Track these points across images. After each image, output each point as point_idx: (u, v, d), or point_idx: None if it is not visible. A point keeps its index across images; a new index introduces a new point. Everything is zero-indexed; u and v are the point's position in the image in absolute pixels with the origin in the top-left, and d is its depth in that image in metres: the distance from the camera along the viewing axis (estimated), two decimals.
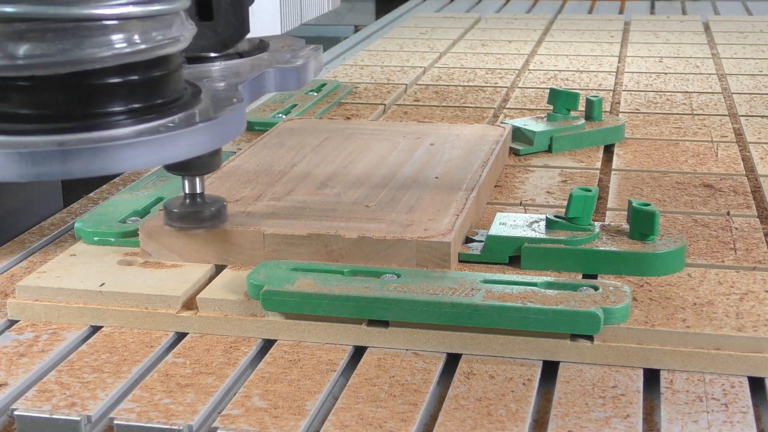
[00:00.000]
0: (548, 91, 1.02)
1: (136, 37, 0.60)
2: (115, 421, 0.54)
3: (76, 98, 0.59)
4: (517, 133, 0.98)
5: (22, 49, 0.57)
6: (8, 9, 0.57)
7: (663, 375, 0.58)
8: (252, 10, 0.75)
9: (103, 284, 0.67)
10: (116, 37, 0.59)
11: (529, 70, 1.40)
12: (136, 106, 0.61)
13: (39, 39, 0.57)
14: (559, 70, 1.39)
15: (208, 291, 0.66)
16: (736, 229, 0.77)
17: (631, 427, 0.53)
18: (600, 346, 0.60)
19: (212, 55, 0.75)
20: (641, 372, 0.59)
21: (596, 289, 0.62)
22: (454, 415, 0.54)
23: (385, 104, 1.19)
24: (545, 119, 0.99)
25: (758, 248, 0.73)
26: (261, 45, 0.80)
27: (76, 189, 0.92)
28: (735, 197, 0.84)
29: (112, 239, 0.74)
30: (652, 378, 0.59)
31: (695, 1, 2.23)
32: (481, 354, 0.61)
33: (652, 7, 2.15)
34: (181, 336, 0.64)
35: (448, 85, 1.30)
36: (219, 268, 0.70)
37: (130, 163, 0.59)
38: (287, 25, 0.79)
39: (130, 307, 0.65)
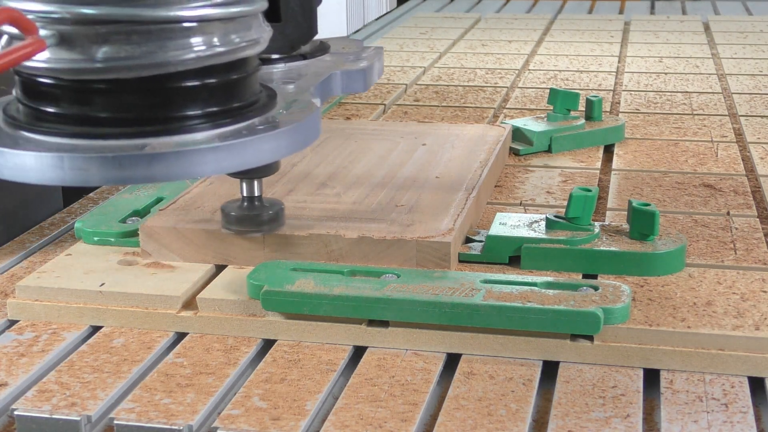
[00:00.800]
0: (548, 91, 1.02)
1: (218, 39, 0.59)
2: (115, 421, 0.54)
3: (158, 101, 0.59)
4: (517, 133, 0.98)
5: (107, 52, 0.57)
6: (94, 11, 0.57)
7: (663, 375, 0.59)
8: (318, 11, 0.75)
9: (103, 284, 0.67)
10: (199, 40, 0.59)
11: (529, 70, 1.40)
12: (217, 109, 0.61)
13: (124, 41, 0.57)
14: (559, 70, 1.39)
15: (208, 291, 0.66)
16: (736, 229, 0.77)
17: (631, 427, 0.53)
18: (600, 346, 0.60)
19: (274, 56, 0.74)
20: (641, 372, 0.59)
21: (596, 289, 0.62)
22: (454, 415, 0.54)
23: (385, 104, 1.19)
24: (545, 119, 0.99)
25: (758, 248, 0.73)
26: (322, 47, 0.79)
27: (76, 189, 0.92)
28: (735, 197, 0.84)
29: (112, 239, 0.74)
30: (652, 378, 0.59)
31: (695, 1, 2.23)
32: (481, 354, 0.61)
33: (652, 7, 2.15)
34: (181, 336, 0.64)
35: (448, 85, 1.30)
36: (219, 268, 0.70)
37: (212, 168, 0.58)
38: (352, 26, 0.79)
39: (130, 307, 0.65)
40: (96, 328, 0.65)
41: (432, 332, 0.61)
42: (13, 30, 0.58)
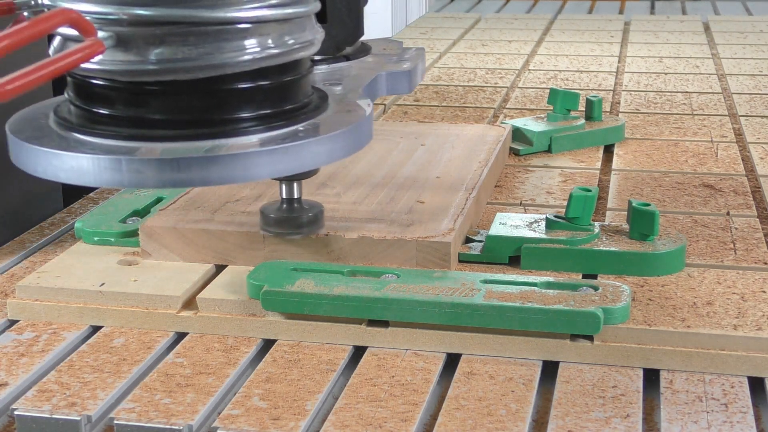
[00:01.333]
0: (548, 91, 1.02)
1: (275, 40, 0.59)
2: (115, 421, 0.54)
3: (213, 104, 0.59)
4: (517, 133, 0.98)
5: (163, 53, 0.56)
6: (151, 12, 0.56)
7: (663, 375, 0.59)
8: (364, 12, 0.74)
9: (103, 284, 0.67)
10: (255, 41, 0.58)
11: (529, 70, 1.40)
12: (272, 111, 0.61)
13: (180, 43, 0.57)
14: (559, 70, 1.39)
15: (208, 291, 0.66)
16: (736, 229, 0.77)
17: (631, 427, 0.53)
18: (600, 346, 0.60)
19: (317, 57, 0.73)
20: (641, 372, 0.59)
21: (596, 289, 0.62)
22: (454, 415, 0.54)
23: (385, 104, 1.19)
24: (545, 119, 0.99)
25: (758, 248, 0.73)
26: (364, 47, 0.79)
27: (76, 189, 0.92)
28: (735, 197, 0.84)
29: (112, 239, 0.74)
30: (652, 378, 0.59)
31: (695, 1, 2.23)
32: (481, 354, 0.61)
33: (652, 7, 2.15)
34: (181, 336, 0.64)
35: (448, 85, 1.30)
36: (219, 268, 0.70)
37: (269, 170, 0.58)
38: (396, 27, 0.78)
39: (130, 307, 0.65)
40: (96, 328, 0.65)
41: (432, 332, 0.61)
42: (68, 31, 0.58)
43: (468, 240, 0.73)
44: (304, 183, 0.79)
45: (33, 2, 0.63)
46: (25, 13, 0.64)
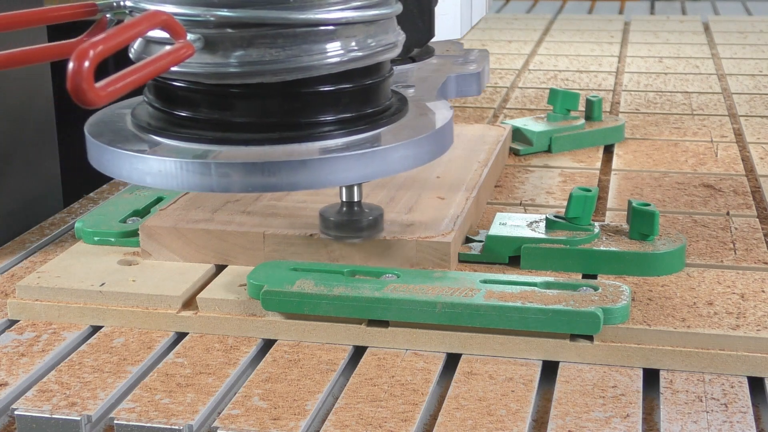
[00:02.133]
0: (548, 91, 1.02)
1: (361, 42, 0.59)
2: (116, 421, 0.54)
3: (298, 107, 0.58)
4: (517, 133, 0.98)
5: (252, 55, 0.56)
6: (241, 14, 0.56)
7: (663, 375, 0.59)
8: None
9: (103, 284, 0.67)
10: (342, 43, 0.58)
11: (529, 70, 1.40)
12: (355, 114, 0.60)
13: (269, 45, 0.56)
14: (559, 70, 1.39)
15: (208, 291, 0.66)
16: (736, 229, 0.77)
17: (631, 427, 0.53)
18: (600, 346, 0.60)
19: None
20: (641, 372, 0.59)
21: (596, 289, 0.62)
22: (454, 415, 0.54)
23: None
24: (545, 119, 0.99)
25: (758, 248, 0.73)
26: (428, 49, 0.78)
27: (76, 189, 0.92)
28: (735, 197, 0.84)
29: (112, 239, 0.74)
30: (651, 378, 0.59)
31: (695, 1, 2.23)
32: (481, 354, 0.61)
33: (652, 7, 2.15)
34: (181, 336, 0.64)
35: None
36: (219, 268, 0.70)
37: (356, 175, 0.58)
38: (464, 28, 0.78)
39: (130, 307, 0.65)
40: (96, 328, 0.65)
41: (432, 332, 0.61)
42: (155, 34, 0.57)
43: (468, 240, 0.73)
44: None
45: (115, 4, 0.63)
46: (108, 15, 0.64)
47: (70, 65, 0.47)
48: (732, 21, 1.82)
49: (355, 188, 0.68)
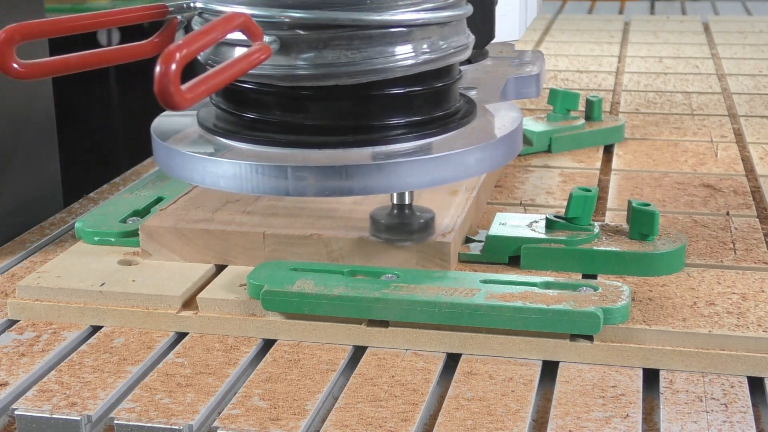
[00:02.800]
0: (548, 91, 1.02)
1: (435, 44, 0.58)
2: (116, 421, 0.54)
3: (372, 110, 0.58)
4: None
5: (327, 57, 0.55)
6: (318, 15, 0.55)
7: (663, 375, 0.59)
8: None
9: (103, 284, 0.67)
10: (417, 45, 0.57)
11: None
12: (428, 117, 0.60)
13: (345, 46, 0.56)
14: (559, 70, 1.39)
15: (208, 291, 0.66)
16: (736, 229, 0.77)
17: (631, 427, 0.53)
18: (600, 346, 0.60)
19: None
20: (641, 372, 0.59)
21: (596, 289, 0.62)
22: (454, 415, 0.54)
23: None
24: (545, 119, 0.99)
25: (758, 248, 0.73)
26: (482, 50, 0.78)
27: (77, 189, 0.92)
28: (735, 197, 0.84)
29: (112, 239, 0.74)
30: (651, 378, 0.59)
31: (695, 1, 2.23)
32: (481, 354, 0.61)
33: (652, 7, 2.15)
34: (181, 336, 0.64)
35: None
36: (219, 268, 0.70)
37: (433, 179, 0.57)
38: (521, 29, 0.77)
39: (130, 307, 0.65)
40: (96, 328, 0.65)
41: (432, 332, 0.61)
42: (231, 36, 0.56)
43: (468, 240, 0.73)
44: None
45: (185, 5, 0.63)
46: (179, 17, 0.63)
47: (157, 68, 0.47)
48: (732, 21, 1.82)
49: (406, 191, 0.67)
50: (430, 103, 0.60)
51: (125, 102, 2.31)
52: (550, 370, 0.60)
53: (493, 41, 0.75)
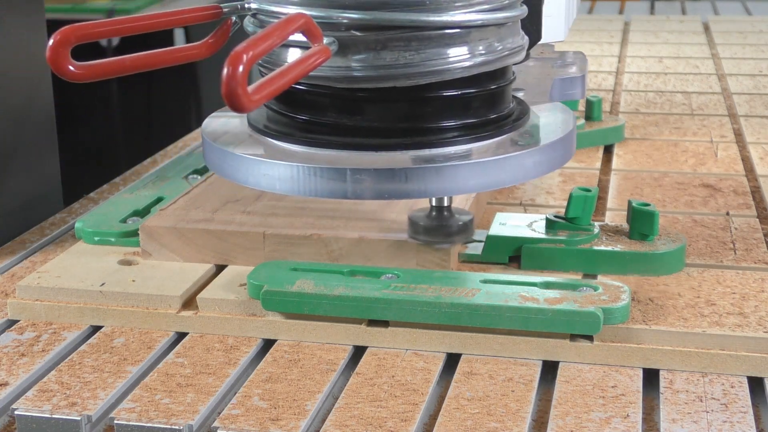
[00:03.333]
0: None
1: (491, 45, 0.58)
2: (116, 421, 0.54)
3: (428, 112, 0.58)
4: None
5: (386, 58, 0.55)
6: (377, 16, 0.55)
7: (663, 375, 0.59)
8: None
9: (103, 284, 0.67)
10: (474, 46, 0.57)
11: None
12: (483, 119, 0.59)
13: (403, 48, 0.55)
14: None
15: (208, 291, 0.66)
16: (736, 229, 0.77)
17: (631, 427, 0.53)
18: (600, 346, 0.60)
19: None
20: (641, 372, 0.59)
21: (596, 289, 0.62)
22: (454, 415, 0.54)
23: None
24: None
25: (758, 248, 0.73)
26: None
27: (76, 189, 0.92)
28: (735, 197, 0.84)
29: (112, 239, 0.74)
30: (652, 378, 0.59)
31: (695, 1, 2.23)
32: (481, 354, 0.61)
33: (652, 7, 2.15)
34: (181, 336, 0.64)
35: None
36: (219, 268, 0.70)
37: (492, 181, 0.57)
38: (566, 30, 0.77)
39: (130, 307, 0.65)
40: (96, 328, 0.65)
41: (432, 332, 0.61)
42: (293, 38, 0.56)
43: (468, 240, 0.73)
44: None
45: (239, 6, 0.62)
46: (233, 18, 0.63)
47: (225, 70, 0.47)
48: (732, 21, 1.82)
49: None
50: (486, 105, 0.60)
51: (125, 102, 2.31)
52: (550, 370, 0.60)
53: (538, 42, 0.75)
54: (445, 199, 0.66)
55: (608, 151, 0.99)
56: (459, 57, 0.57)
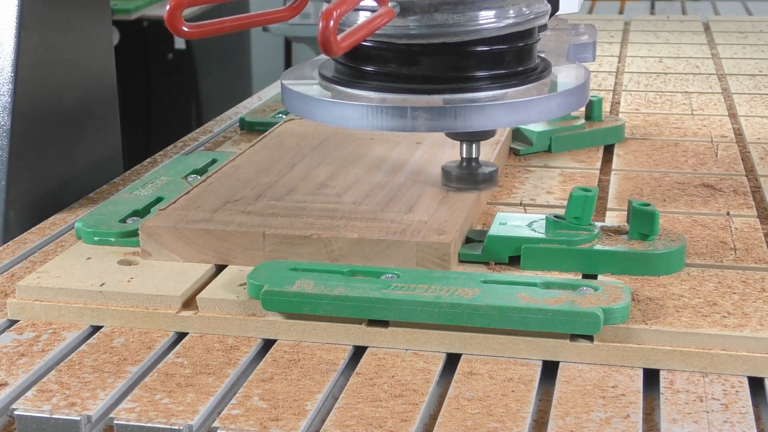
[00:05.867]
0: None
1: (522, 9, 0.70)
2: (115, 421, 0.54)
3: (472, 63, 0.70)
4: (517, 133, 0.98)
5: (437, 19, 0.68)
6: None
7: (663, 375, 0.59)
8: None
9: (103, 284, 0.67)
10: (508, 10, 0.70)
11: None
12: (517, 70, 0.72)
13: (451, 11, 0.68)
14: None
15: (208, 291, 0.66)
16: (736, 229, 0.77)
17: (631, 427, 0.53)
18: (600, 346, 0.60)
19: None
20: (641, 372, 0.59)
21: (596, 289, 0.62)
22: (454, 415, 0.54)
23: None
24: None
25: (758, 248, 0.73)
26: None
27: (77, 189, 0.92)
28: (735, 197, 0.84)
29: (112, 239, 0.74)
30: (652, 378, 0.59)
31: (695, 1, 2.23)
32: (481, 354, 0.61)
33: (652, 7, 2.15)
34: (181, 336, 0.64)
35: None
36: (219, 268, 0.70)
37: (519, 118, 0.70)
38: (580, 3, 0.86)
39: (130, 307, 0.65)
40: (96, 328, 0.65)
41: (432, 332, 0.61)
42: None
43: (468, 240, 0.73)
44: (304, 183, 0.80)
45: None
46: None
47: (320, 24, 0.59)
48: (732, 21, 1.82)
49: (474, 146, 0.78)
50: (516, 59, 0.72)
51: (125, 102, 2.31)
52: (550, 370, 0.60)
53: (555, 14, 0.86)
54: (474, 151, 0.78)
55: (608, 151, 0.99)
56: (495, 19, 0.69)
